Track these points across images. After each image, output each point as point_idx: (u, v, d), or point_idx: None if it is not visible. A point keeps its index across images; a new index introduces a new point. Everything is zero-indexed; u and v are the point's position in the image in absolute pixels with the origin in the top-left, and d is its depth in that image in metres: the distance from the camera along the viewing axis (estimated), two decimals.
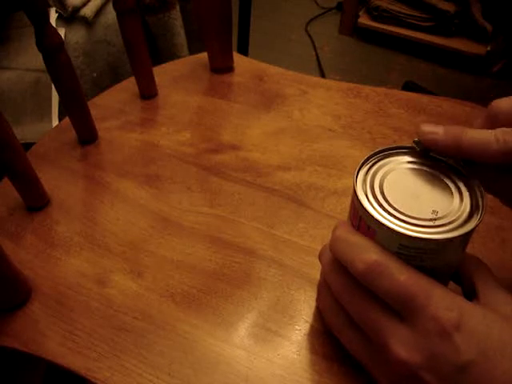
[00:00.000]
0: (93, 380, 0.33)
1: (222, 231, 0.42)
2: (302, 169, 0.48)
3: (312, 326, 0.35)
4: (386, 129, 0.52)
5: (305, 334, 0.35)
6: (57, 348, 0.35)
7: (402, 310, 0.26)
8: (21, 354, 0.35)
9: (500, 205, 0.44)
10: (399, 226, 0.25)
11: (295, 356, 0.34)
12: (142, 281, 0.39)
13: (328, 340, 0.34)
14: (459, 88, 1.58)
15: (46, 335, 0.36)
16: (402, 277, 0.25)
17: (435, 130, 0.28)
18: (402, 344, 0.25)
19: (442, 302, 0.24)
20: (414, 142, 0.29)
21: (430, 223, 0.25)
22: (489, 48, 1.59)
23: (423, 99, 0.55)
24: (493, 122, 0.27)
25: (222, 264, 0.40)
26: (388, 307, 0.26)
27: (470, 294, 0.28)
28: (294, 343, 0.35)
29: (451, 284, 0.30)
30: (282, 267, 0.39)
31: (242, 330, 0.35)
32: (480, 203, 0.26)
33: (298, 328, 0.35)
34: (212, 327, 0.36)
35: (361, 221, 0.27)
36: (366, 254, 0.26)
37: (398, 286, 0.25)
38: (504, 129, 0.26)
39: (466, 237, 0.25)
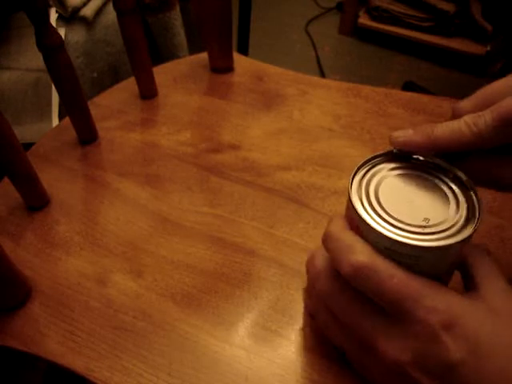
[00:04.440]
0: (93, 380, 0.33)
1: (222, 231, 0.42)
2: (302, 169, 0.48)
3: (312, 326, 0.35)
4: (386, 129, 0.52)
5: (304, 334, 0.35)
6: (57, 347, 0.35)
7: (392, 311, 0.26)
8: (21, 353, 0.35)
9: (500, 205, 0.44)
10: (385, 229, 0.25)
11: (295, 356, 0.34)
12: (142, 281, 0.39)
13: (328, 340, 0.34)
14: (459, 88, 1.58)
15: (46, 335, 0.36)
16: (390, 280, 0.25)
17: (405, 133, 0.28)
18: (392, 344, 0.25)
19: (431, 303, 0.24)
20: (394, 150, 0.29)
21: (419, 230, 0.25)
22: (488, 48, 1.59)
23: (423, 99, 0.55)
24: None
25: (222, 264, 0.40)
26: (378, 307, 0.26)
27: (470, 283, 0.28)
28: (293, 343, 0.35)
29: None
30: (282, 267, 0.39)
31: (242, 330, 0.36)
32: (476, 216, 0.26)
33: (298, 327, 0.35)
34: (212, 327, 0.36)
35: (352, 220, 0.27)
36: (353, 255, 0.26)
37: (386, 290, 0.25)
38: (470, 114, 0.27)
39: (454, 247, 0.25)
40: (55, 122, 0.81)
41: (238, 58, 0.62)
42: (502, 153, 0.28)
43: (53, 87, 0.80)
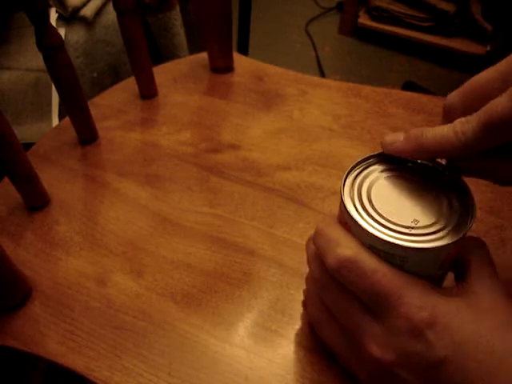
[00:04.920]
0: (93, 379, 0.33)
1: (222, 231, 0.42)
2: (302, 169, 0.48)
3: (312, 326, 0.35)
4: (386, 129, 0.52)
5: (304, 334, 0.35)
6: (57, 347, 0.35)
7: (375, 308, 0.26)
8: (21, 353, 0.35)
9: (500, 205, 0.44)
10: (372, 227, 0.25)
11: (295, 355, 0.34)
12: (142, 280, 0.39)
13: None
14: None
15: (46, 334, 0.36)
16: (374, 275, 0.25)
17: (396, 138, 0.28)
18: (376, 342, 0.25)
19: (415, 301, 0.24)
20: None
21: (406, 230, 0.25)
22: (489, 48, 1.59)
23: (423, 99, 0.55)
24: (450, 118, 0.27)
25: (222, 264, 0.40)
26: (363, 303, 0.26)
27: (461, 275, 0.27)
28: (293, 342, 0.35)
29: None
30: (282, 267, 0.39)
31: (242, 330, 0.36)
32: (467, 221, 0.25)
33: (298, 327, 0.35)
34: (212, 327, 0.36)
35: (343, 218, 0.27)
36: (338, 249, 0.26)
37: (370, 285, 0.25)
38: (461, 119, 0.26)
39: (441, 249, 0.25)
40: (55, 122, 0.81)
41: (238, 57, 0.62)
42: (496, 151, 0.28)
43: (53, 87, 0.80)
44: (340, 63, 1.73)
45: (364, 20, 1.77)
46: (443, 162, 0.29)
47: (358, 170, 0.28)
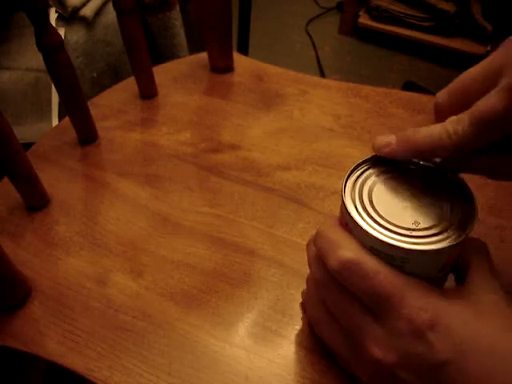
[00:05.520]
0: (93, 379, 0.33)
1: (221, 231, 0.42)
2: (302, 169, 0.48)
3: (312, 326, 0.35)
4: (386, 129, 0.52)
5: (304, 334, 0.35)
6: (56, 347, 0.35)
7: (376, 309, 0.26)
8: (21, 353, 0.35)
9: (500, 205, 0.44)
10: (373, 229, 0.25)
11: (295, 355, 0.34)
12: (142, 280, 0.39)
13: None
14: None
15: (46, 335, 0.36)
16: (376, 277, 0.25)
17: (388, 141, 0.28)
18: (377, 343, 0.25)
19: (416, 302, 0.24)
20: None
21: (407, 232, 0.25)
22: (489, 48, 1.59)
23: (423, 99, 0.55)
24: (441, 117, 0.28)
25: (221, 264, 0.40)
26: (364, 305, 0.26)
27: (461, 277, 0.27)
28: (293, 343, 0.35)
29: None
30: (282, 267, 0.39)
31: (242, 330, 0.36)
32: (469, 223, 0.25)
33: (298, 327, 0.35)
34: (212, 327, 0.36)
35: (344, 219, 0.27)
36: (340, 251, 0.26)
37: (372, 287, 0.25)
38: (452, 118, 0.26)
39: (441, 251, 0.25)
40: (55, 122, 0.81)
41: (238, 57, 0.62)
42: (495, 149, 0.28)
43: (53, 87, 0.80)
44: (340, 63, 1.73)
45: (364, 20, 1.77)
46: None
47: (359, 172, 0.28)
